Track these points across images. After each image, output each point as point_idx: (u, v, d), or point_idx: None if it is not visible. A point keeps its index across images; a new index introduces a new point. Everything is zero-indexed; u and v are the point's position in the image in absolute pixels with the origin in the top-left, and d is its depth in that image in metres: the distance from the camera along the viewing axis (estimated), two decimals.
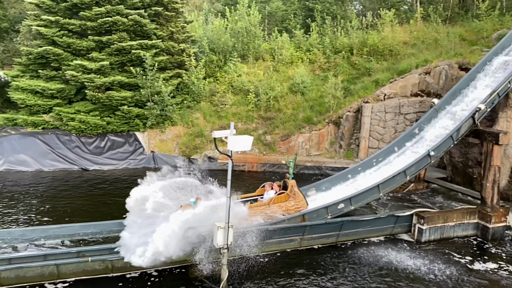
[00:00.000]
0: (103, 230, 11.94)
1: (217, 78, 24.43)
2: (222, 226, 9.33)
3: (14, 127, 20.36)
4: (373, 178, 14.51)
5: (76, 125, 19.90)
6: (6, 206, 14.56)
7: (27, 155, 19.15)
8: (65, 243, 11.25)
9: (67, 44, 20.22)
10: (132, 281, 9.94)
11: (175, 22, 23.52)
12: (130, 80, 20.62)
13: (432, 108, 16.27)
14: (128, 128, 20.83)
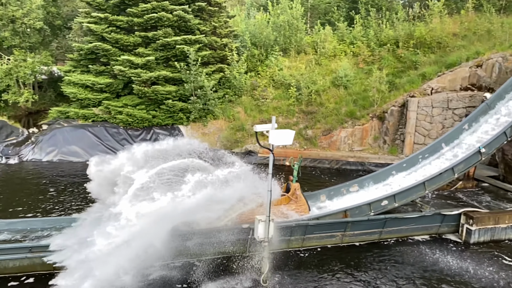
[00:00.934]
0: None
1: (258, 72, 24.49)
2: (263, 220, 9.41)
3: (67, 120, 21.46)
4: (418, 175, 14.06)
5: (124, 118, 20.67)
6: (66, 193, 15.42)
7: (78, 146, 20.15)
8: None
9: (115, 40, 20.98)
10: (176, 271, 10.21)
11: (218, 17, 23.77)
12: (174, 75, 21.11)
13: (484, 102, 15.48)
14: (172, 121, 21.38)
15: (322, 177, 18.74)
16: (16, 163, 19.38)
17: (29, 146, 20.21)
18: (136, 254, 8.85)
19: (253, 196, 10.77)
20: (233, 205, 10.57)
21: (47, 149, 19.97)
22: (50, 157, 19.77)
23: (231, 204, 10.41)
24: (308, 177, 18.81)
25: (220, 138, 21.48)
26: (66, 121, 21.35)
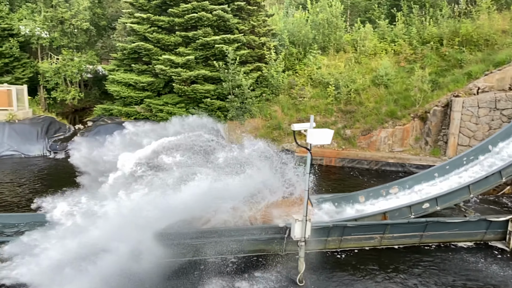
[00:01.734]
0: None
1: (296, 71, 24.37)
2: (300, 219, 9.38)
3: (110, 117, 22.28)
4: (463, 178, 13.51)
5: (164, 116, 21.20)
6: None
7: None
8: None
9: (157, 40, 21.54)
10: (213, 266, 10.38)
11: (256, 16, 23.87)
12: (213, 73, 21.42)
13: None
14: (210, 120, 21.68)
15: (361, 178, 18.40)
16: (63, 157, 20.34)
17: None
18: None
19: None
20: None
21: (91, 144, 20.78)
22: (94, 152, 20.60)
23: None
24: (346, 177, 18.54)
25: (257, 137, 21.52)
26: (109, 118, 22.16)
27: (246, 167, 10.91)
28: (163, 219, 9.36)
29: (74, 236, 8.62)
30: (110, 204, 9.20)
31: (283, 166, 12.26)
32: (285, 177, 11.94)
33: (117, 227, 8.69)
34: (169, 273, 9.87)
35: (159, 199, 9.32)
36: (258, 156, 11.99)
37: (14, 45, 23.22)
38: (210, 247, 10.43)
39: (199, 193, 9.46)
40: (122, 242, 8.62)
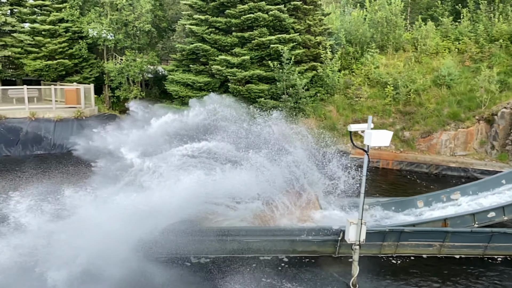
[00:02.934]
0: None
1: (352, 70, 23.87)
2: (355, 222, 9.19)
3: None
4: None
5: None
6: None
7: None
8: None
9: (214, 41, 22.04)
10: (265, 263, 10.45)
11: (312, 15, 23.66)
12: (267, 73, 21.54)
13: None
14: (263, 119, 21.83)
15: (419, 182, 17.66)
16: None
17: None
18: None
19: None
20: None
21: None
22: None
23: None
24: (404, 181, 17.88)
25: (311, 137, 21.35)
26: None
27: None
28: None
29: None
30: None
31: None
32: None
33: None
34: (222, 268, 10.08)
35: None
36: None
37: (83, 46, 24.83)
38: (263, 245, 10.53)
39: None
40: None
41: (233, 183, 10.65)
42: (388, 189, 16.64)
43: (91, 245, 8.90)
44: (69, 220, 9.92)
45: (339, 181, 13.00)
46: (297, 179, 12.27)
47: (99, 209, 9.73)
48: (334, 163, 13.12)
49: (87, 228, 9.15)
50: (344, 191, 12.89)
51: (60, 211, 10.99)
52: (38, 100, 22.89)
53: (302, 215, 11.92)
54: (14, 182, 15.15)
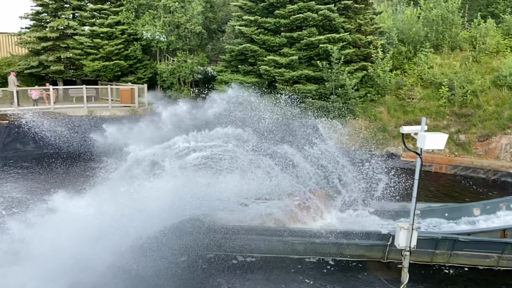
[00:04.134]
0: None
1: (404, 70, 23.07)
2: (405, 227, 8.87)
3: None
4: None
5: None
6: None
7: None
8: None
9: (263, 41, 22.17)
10: (310, 265, 10.37)
11: (363, 14, 23.13)
12: (316, 73, 21.33)
13: None
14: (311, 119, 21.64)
15: (475, 188, 16.73)
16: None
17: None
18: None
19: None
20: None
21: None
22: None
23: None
24: (459, 187, 17.03)
25: (359, 139, 20.90)
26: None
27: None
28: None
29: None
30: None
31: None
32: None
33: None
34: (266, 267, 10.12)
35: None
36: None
37: (138, 48, 25.87)
38: (309, 246, 10.46)
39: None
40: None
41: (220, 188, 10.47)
42: (440, 194, 15.92)
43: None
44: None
45: (379, 184, 12.67)
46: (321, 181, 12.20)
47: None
48: (379, 165, 12.74)
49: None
50: (383, 194, 12.59)
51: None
52: (96, 99, 24.17)
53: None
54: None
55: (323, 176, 12.64)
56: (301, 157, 12.53)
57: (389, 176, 12.97)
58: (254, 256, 10.59)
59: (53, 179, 16.24)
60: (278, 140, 15.53)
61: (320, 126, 21.55)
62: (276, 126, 20.67)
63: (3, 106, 21.59)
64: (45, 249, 8.06)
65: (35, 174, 17.26)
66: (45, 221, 9.05)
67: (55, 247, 7.99)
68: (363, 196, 12.65)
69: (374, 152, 20.05)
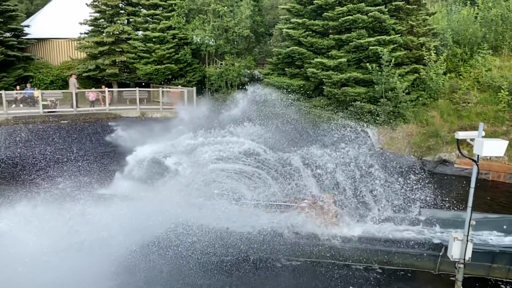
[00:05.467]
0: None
1: (459, 73, 22.01)
2: (460, 238, 8.46)
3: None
4: None
5: (312, 118, 21.55)
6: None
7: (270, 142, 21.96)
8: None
9: (310, 44, 22.02)
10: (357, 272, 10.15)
11: (416, 15, 22.36)
12: (365, 76, 20.88)
13: None
14: (359, 123, 21.18)
15: None
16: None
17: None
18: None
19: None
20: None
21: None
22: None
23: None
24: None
25: (410, 144, 20.20)
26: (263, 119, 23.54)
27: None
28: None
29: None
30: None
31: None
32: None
33: None
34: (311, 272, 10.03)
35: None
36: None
37: (188, 52, 26.60)
38: (355, 253, 10.25)
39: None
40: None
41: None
42: (498, 205, 15.01)
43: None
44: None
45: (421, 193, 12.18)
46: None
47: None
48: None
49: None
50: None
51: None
52: (148, 101, 25.10)
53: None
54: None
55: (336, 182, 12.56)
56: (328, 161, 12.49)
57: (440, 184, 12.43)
58: (300, 260, 10.53)
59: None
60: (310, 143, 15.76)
61: (369, 130, 21.11)
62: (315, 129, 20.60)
63: (64, 107, 23.01)
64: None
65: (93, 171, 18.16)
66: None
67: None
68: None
69: (425, 158, 19.36)
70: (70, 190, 13.03)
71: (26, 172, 17.18)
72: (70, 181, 14.46)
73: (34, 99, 23.01)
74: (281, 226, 10.72)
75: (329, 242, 10.38)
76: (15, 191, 13.04)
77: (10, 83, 25.56)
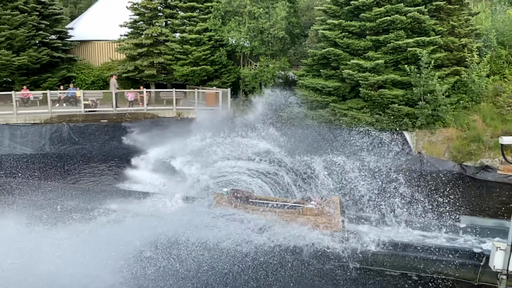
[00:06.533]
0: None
1: (504, 76, 21.10)
2: (503, 248, 8.10)
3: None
4: None
5: (348, 120, 21.27)
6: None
7: (305, 143, 21.84)
8: None
9: (347, 45, 21.73)
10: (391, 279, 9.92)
11: (457, 16, 21.63)
12: (403, 78, 20.38)
13: None
14: (396, 126, 20.70)
15: None
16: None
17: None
18: None
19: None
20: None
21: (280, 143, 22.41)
22: (279, 150, 22.10)
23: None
24: None
25: (449, 148, 19.54)
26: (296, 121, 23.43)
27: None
28: None
29: None
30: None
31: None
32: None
33: None
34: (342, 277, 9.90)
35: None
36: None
37: (223, 54, 26.90)
38: (390, 259, 10.02)
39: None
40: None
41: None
42: None
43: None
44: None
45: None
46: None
47: None
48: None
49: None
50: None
51: None
52: (184, 102, 25.56)
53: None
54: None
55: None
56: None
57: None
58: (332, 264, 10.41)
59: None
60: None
61: (406, 134, 20.60)
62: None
63: (104, 106, 23.84)
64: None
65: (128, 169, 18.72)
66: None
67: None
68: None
69: (465, 163, 18.68)
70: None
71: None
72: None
73: (76, 99, 23.96)
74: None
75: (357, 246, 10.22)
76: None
77: (54, 83, 26.75)
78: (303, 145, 21.79)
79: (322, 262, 10.42)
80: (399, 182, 11.95)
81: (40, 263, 8.98)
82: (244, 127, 21.81)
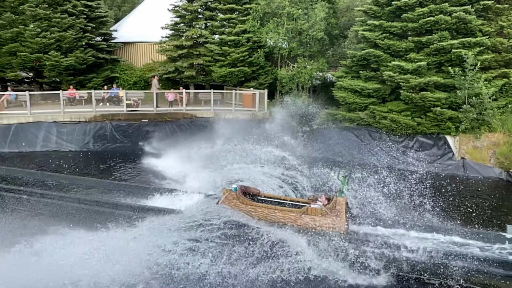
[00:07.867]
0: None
1: None
2: None
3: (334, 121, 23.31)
4: None
5: (388, 123, 20.80)
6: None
7: (342, 146, 21.58)
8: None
9: (387, 46, 21.26)
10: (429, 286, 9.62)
11: (507, 16, 20.65)
12: (446, 80, 19.69)
13: None
14: (438, 130, 20.05)
15: None
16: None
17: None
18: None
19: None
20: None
21: (315, 146, 22.27)
22: (317, 154, 21.93)
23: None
24: None
25: (496, 154, 18.68)
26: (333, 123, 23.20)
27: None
28: None
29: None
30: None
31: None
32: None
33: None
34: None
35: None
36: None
37: (261, 55, 27.01)
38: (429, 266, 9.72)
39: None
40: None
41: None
42: None
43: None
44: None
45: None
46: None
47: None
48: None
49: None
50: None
51: None
52: (221, 102, 25.91)
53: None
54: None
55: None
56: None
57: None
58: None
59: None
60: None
61: (449, 138, 19.91)
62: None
63: (145, 106, 24.57)
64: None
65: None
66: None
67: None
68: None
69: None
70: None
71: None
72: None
73: (119, 98, 24.82)
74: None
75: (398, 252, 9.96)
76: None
77: (98, 83, 27.84)
78: (339, 148, 21.57)
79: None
80: (442, 188, 11.59)
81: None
82: (278, 131, 22.09)
